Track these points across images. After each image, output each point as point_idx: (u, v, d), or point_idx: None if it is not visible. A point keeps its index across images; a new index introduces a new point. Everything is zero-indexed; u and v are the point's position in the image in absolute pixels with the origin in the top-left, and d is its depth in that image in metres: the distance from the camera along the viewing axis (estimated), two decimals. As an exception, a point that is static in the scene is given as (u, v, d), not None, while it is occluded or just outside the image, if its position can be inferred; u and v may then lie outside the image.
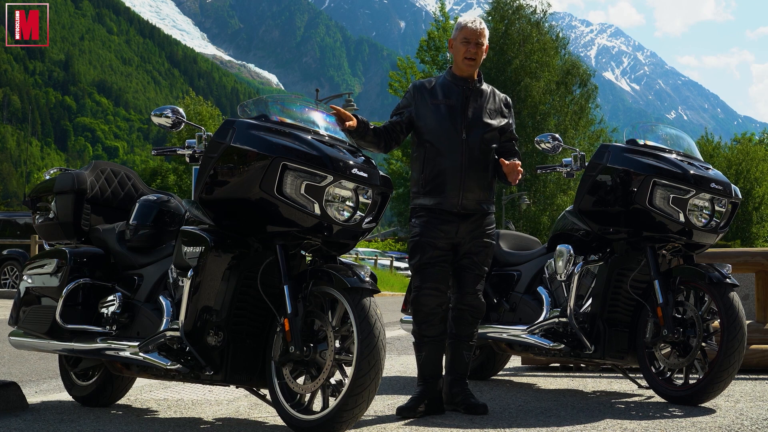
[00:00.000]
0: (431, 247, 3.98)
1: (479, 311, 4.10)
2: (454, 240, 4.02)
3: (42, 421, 3.83)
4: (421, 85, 4.13)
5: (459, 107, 4.05)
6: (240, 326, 3.47)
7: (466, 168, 4.00)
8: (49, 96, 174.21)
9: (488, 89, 4.17)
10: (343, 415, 3.17)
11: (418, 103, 4.08)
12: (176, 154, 3.78)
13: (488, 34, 4.16)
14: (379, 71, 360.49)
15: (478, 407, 3.96)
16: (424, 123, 4.05)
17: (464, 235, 4.03)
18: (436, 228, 3.99)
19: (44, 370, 6.13)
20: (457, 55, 4.10)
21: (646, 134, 4.45)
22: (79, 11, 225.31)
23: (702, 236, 4.21)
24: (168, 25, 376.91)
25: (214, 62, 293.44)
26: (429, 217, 4.01)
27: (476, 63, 4.07)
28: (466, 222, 4.03)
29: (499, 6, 40.39)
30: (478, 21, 4.11)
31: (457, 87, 4.09)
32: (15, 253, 17.06)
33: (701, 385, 3.99)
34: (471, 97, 4.08)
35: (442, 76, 4.17)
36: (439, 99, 4.06)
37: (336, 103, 30.64)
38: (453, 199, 4.00)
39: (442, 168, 3.99)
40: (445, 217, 4.01)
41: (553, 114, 38.90)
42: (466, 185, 4.00)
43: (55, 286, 4.10)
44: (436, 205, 4.00)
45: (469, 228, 4.04)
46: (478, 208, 4.06)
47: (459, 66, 4.11)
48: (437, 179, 4.01)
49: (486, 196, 4.09)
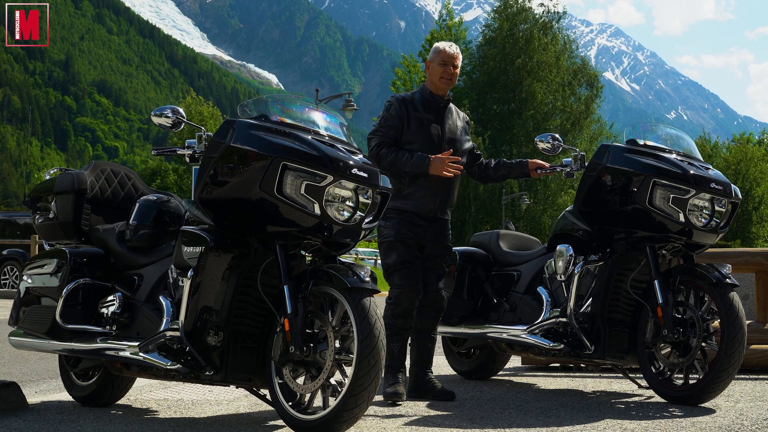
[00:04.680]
0: (406, 246, 4.35)
1: (441, 307, 4.51)
2: (421, 242, 4.41)
3: (42, 421, 3.83)
4: (404, 98, 4.49)
5: (437, 121, 4.47)
6: (240, 326, 3.47)
7: (442, 179, 4.36)
8: (49, 96, 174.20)
9: (453, 107, 4.61)
10: (343, 415, 3.17)
11: (406, 114, 4.42)
12: (176, 154, 3.77)
13: (462, 58, 4.63)
14: (379, 71, 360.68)
15: (447, 394, 4.37)
16: (408, 132, 4.40)
17: (430, 238, 4.43)
18: (407, 230, 4.36)
19: (44, 370, 6.14)
20: (434, 75, 4.50)
21: (646, 134, 4.45)
22: (79, 11, 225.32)
23: (702, 236, 4.21)
24: (168, 25, 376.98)
25: (214, 62, 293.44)
26: (399, 218, 4.38)
27: (451, 83, 4.52)
28: (433, 226, 4.44)
29: (506, 5, 40.38)
30: (455, 47, 4.56)
31: (435, 103, 4.50)
32: (15, 253, 17.07)
33: (701, 385, 3.99)
34: (446, 114, 4.53)
35: (419, 92, 4.54)
36: (422, 113, 4.45)
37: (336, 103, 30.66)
38: (429, 205, 4.41)
39: (420, 176, 4.32)
40: (415, 220, 4.38)
41: (556, 114, 38.91)
42: (440, 193, 4.43)
43: (55, 286, 4.10)
44: (411, 209, 4.36)
45: (435, 232, 4.46)
46: (444, 214, 4.50)
47: (436, 84, 4.50)
48: (415, 185, 4.38)
49: (451, 204, 4.55)
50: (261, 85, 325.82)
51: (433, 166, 4.26)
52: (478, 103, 39.83)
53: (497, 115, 40.15)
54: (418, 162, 4.27)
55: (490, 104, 40.35)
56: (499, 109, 40.28)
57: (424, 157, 4.29)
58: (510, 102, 40.01)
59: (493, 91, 40.10)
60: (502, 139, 38.89)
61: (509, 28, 39.72)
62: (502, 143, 38.45)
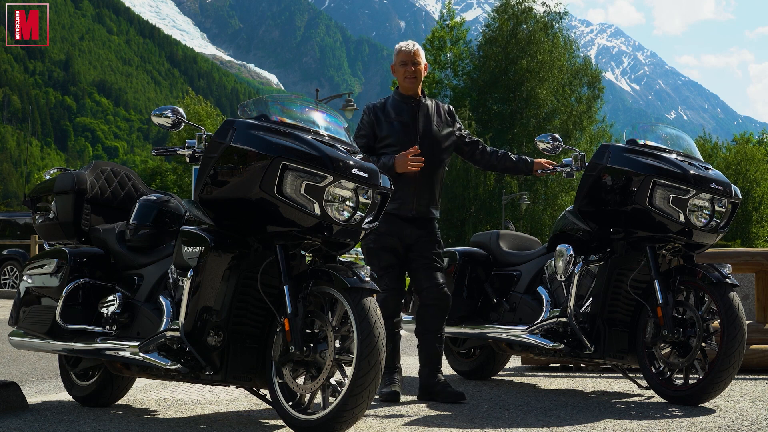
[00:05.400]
0: (386, 251, 4.41)
1: (445, 305, 4.45)
2: (406, 242, 4.45)
3: (42, 421, 3.82)
4: (374, 106, 4.59)
5: (411, 122, 4.52)
6: (240, 326, 3.47)
7: (420, 176, 4.42)
8: (49, 96, 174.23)
9: (432, 103, 4.64)
10: (343, 415, 3.17)
11: (375, 121, 4.52)
12: (176, 154, 3.77)
13: (424, 54, 4.64)
14: (379, 71, 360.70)
15: (457, 395, 4.30)
16: (382, 138, 4.49)
17: (415, 238, 4.46)
18: (387, 233, 4.39)
19: (44, 370, 6.13)
20: (399, 77, 4.60)
21: (646, 134, 4.45)
22: (79, 11, 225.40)
23: (702, 236, 4.21)
24: (168, 25, 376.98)
25: (214, 62, 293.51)
26: (381, 221, 4.25)
27: (417, 80, 4.55)
28: (416, 225, 4.47)
29: (506, 5, 40.34)
30: (412, 44, 4.63)
31: (406, 105, 4.56)
32: (15, 253, 17.07)
33: (701, 385, 3.99)
34: (419, 112, 4.56)
35: (391, 96, 4.64)
36: (393, 116, 4.52)
37: (336, 103, 30.63)
38: (408, 205, 4.45)
39: (398, 177, 4.31)
40: (397, 221, 4.42)
41: (558, 114, 38.88)
42: (419, 192, 4.47)
43: (55, 286, 4.10)
44: (392, 210, 4.37)
45: (419, 231, 4.48)
46: (428, 213, 4.51)
47: (403, 86, 4.58)
48: (395, 186, 4.34)
49: (435, 202, 4.57)
50: (261, 85, 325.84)
51: (397, 165, 4.32)
52: (479, 104, 39.81)
53: (498, 115, 40.12)
54: (383, 164, 4.31)
55: (491, 104, 40.33)
56: (499, 110, 40.26)
57: (389, 157, 4.36)
58: (511, 102, 40.00)
59: (494, 91, 40.07)
60: (502, 140, 38.85)
61: (510, 28, 39.67)
62: (503, 143, 38.40)
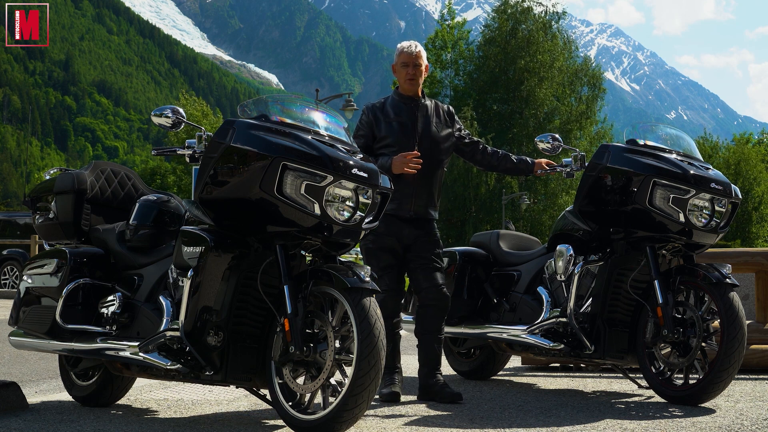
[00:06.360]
0: (384, 251, 4.42)
1: (444, 306, 4.46)
2: (405, 242, 4.46)
3: (42, 421, 3.83)
4: (374, 106, 4.59)
5: (410, 123, 4.52)
6: (240, 326, 3.47)
7: (419, 177, 4.41)
8: (49, 96, 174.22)
9: (431, 103, 4.63)
10: (343, 415, 3.17)
11: (374, 121, 4.51)
12: (176, 154, 3.77)
13: (426, 55, 4.64)
14: (379, 71, 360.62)
15: (454, 395, 4.29)
16: (381, 138, 4.48)
17: (413, 239, 4.47)
18: (386, 233, 4.39)
19: (44, 370, 6.13)
20: (400, 77, 4.59)
21: (646, 134, 4.45)
22: (79, 11, 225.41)
23: (702, 236, 4.21)
24: (168, 25, 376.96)
25: (214, 62, 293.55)
26: (380, 221, 4.29)
27: (417, 82, 4.55)
28: (414, 226, 4.48)
29: (506, 5, 40.31)
30: (414, 45, 4.61)
31: (406, 105, 4.56)
32: (15, 253, 17.07)
33: (701, 385, 3.99)
34: (419, 113, 4.55)
35: (390, 96, 4.64)
36: (391, 117, 4.52)
37: (336, 103, 30.62)
38: (407, 206, 4.45)
39: (397, 177, 4.29)
40: (395, 221, 4.42)
41: (557, 114, 38.86)
42: (418, 193, 4.47)
43: (55, 286, 4.10)
44: (391, 211, 4.35)
45: (417, 232, 4.48)
46: (426, 214, 4.51)
47: (403, 86, 4.58)
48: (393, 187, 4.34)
49: (433, 203, 4.57)
50: (261, 85, 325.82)
51: (394, 166, 4.32)
52: (479, 103, 39.78)
53: (498, 115, 40.09)
54: (381, 165, 4.30)
55: (491, 104, 40.31)
56: (499, 109, 40.24)
57: (387, 158, 4.36)
58: (511, 102, 39.98)
59: (493, 91, 40.04)
60: (502, 140, 38.83)
61: (510, 28, 39.65)
62: (503, 143, 38.39)
